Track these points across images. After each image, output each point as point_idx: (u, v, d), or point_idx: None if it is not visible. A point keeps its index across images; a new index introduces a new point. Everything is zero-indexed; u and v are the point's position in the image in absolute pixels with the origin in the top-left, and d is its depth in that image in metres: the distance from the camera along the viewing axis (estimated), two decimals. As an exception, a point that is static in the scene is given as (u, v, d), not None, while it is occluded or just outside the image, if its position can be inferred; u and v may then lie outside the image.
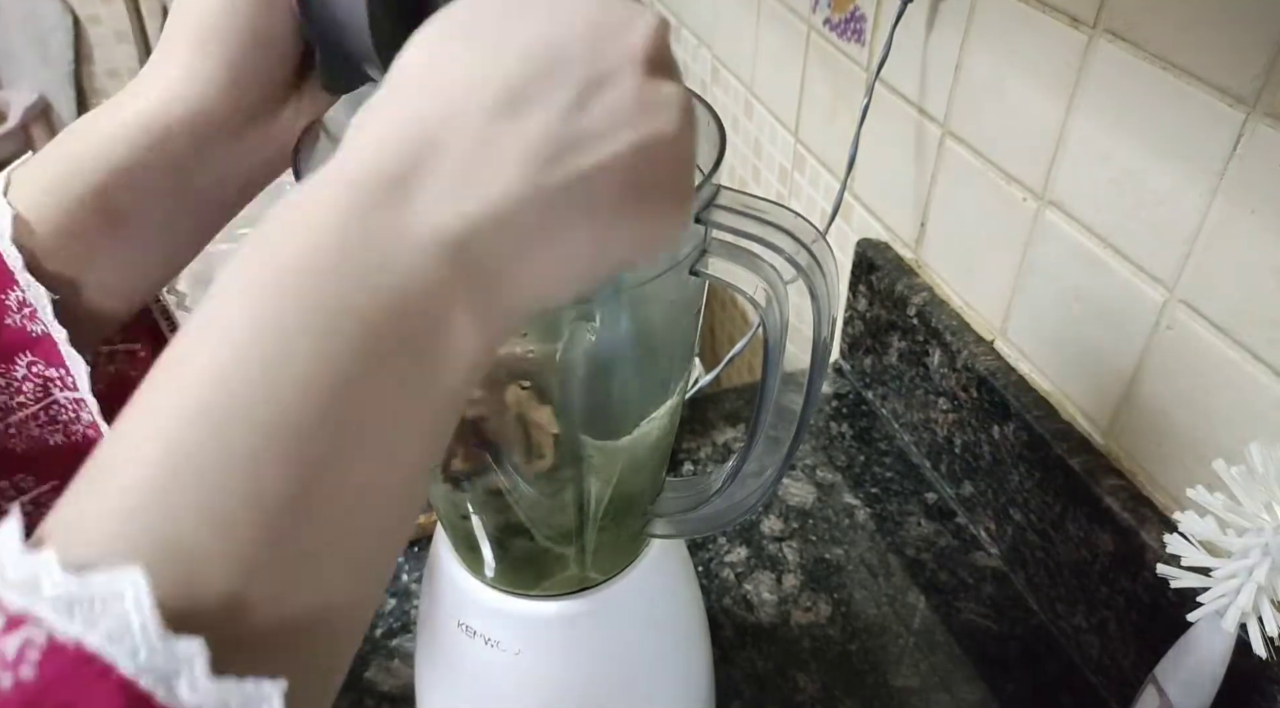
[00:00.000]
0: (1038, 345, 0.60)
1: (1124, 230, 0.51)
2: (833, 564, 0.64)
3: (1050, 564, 0.59)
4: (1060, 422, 0.57)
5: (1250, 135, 0.42)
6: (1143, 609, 0.51)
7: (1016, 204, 0.58)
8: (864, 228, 0.76)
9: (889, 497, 0.69)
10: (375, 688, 0.56)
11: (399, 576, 0.63)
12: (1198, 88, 0.44)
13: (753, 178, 0.97)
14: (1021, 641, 0.59)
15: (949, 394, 0.66)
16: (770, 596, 0.62)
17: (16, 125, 1.78)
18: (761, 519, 0.68)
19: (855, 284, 0.75)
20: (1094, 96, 0.50)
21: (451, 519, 0.41)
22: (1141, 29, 0.46)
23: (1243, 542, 0.38)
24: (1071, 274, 0.55)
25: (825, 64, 0.77)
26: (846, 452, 0.73)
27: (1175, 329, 0.49)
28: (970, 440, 0.64)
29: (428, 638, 0.46)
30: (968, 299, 0.66)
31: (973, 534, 0.66)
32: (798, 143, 0.85)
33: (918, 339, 0.68)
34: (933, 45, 0.63)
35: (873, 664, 0.58)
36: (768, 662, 0.58)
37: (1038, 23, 0.53)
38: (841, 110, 0.76)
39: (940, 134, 0.64)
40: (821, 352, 0.34)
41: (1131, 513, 0.51)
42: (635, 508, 0.41)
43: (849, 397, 0.78)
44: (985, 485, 0.64)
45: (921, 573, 0.64)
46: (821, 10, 0.75)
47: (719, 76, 1.00)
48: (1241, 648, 0.41)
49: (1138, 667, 0.52)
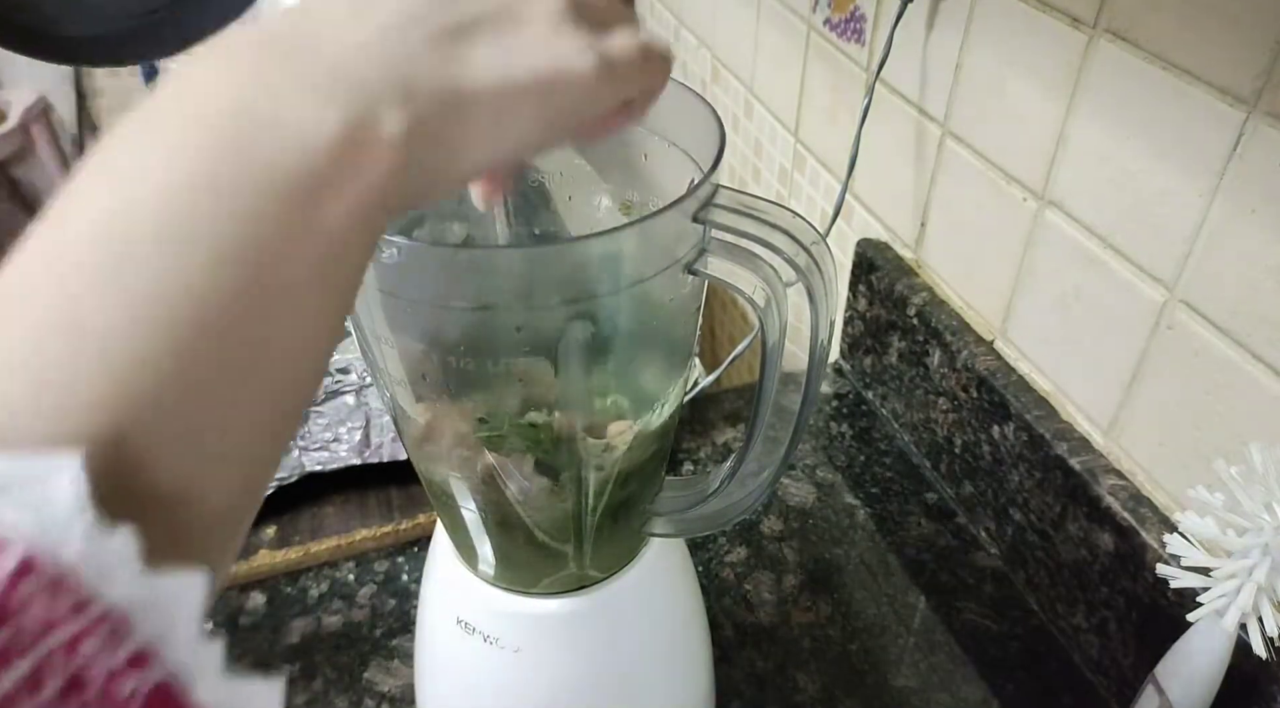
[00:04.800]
0: (1038, 345, 0.60)
1: (1124, 230, 0.51)
2: (833, 564, 0.64)
3: (1050, 564, 0.59)
4: (1060, 422, 0.57)
5: (1250, 135, 0.42)
6: (1143, 609, 0.51)
7: (1016, 204, 0.58)
8: (864, 228, 0.76)
9: (889, 497, 0.69)
10: (375, 688, 0.56)
11: (399, 575, 0.63)
12: (1198, 88, 0.44)
13: (753, 178, 0.97)
14: (1021, 641, 0.59)
15: (949, 394, 0.66)
16: (770, 596, 0.62)
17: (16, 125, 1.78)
18: (761, 519, 0.68)
19: (855, 284, 0.75)
20: (1094, 96, 0.50)
21: (451, 517, 0.41)
22: (1141, 29, 0.46)
23: (1243, 542, 0.38)
24: (1071, 274, 0.55)
25: (825, 64, 0.77)
26: (846, 452, 0.73)
27: (1175, 329, 0.49)
28: (970, 440, 0.64)
29: (427, 636, 0.46)
30: (968, 299, 0.66)
31: (973, 534, 0.66)
32: (798, 143, 0.85)
33: (918, 339, 0.68)
34: (933, 45, 0.63)
35: (873, 664, 0.58)
36: (767, 662, 0.58)
37: (1038, 23, 0.53)
38: (841, 110, 0.76)
39: (940, 134, 0.64)
40: (819, 353, 0.34)
41: (1131, 513, 0.51)
42: (634, 507, 0.41)
43: (849, 397, 0.78)
44: (985, 486, 0.64)
45: (921, 573, 0.64)
46: (821, 10, 0.75)
47: (719, 76, 1.00)
48: (1241, 648, 0.41)
49: (1138, 667, 0.52)
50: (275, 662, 0.58)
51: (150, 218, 0.18)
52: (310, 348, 0.21)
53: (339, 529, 0.65)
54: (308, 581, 0.63)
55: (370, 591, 0.62)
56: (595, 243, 0.31)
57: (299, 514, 0.67)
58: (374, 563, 0.64)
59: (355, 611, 0.61)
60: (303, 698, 0.56)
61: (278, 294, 0.20)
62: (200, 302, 0.18)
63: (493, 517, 0.39)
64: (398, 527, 0.65)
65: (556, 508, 0.39)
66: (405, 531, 0.65)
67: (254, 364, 0.20)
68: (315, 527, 0.66)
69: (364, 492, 0.68)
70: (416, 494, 0.67)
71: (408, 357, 0.35)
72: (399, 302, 0.33)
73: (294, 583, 0.63)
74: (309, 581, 0.63)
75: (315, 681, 0.57)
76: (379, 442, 0.66)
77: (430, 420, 0.37)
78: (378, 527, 0.65)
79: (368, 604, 0.61)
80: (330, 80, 0.21)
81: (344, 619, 0.60)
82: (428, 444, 0.39)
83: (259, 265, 0.19)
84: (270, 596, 0.62)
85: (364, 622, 0.60)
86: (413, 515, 0.66)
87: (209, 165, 0.19)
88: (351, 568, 0.64)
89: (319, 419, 0.64)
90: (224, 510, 0.20)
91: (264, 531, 0.65)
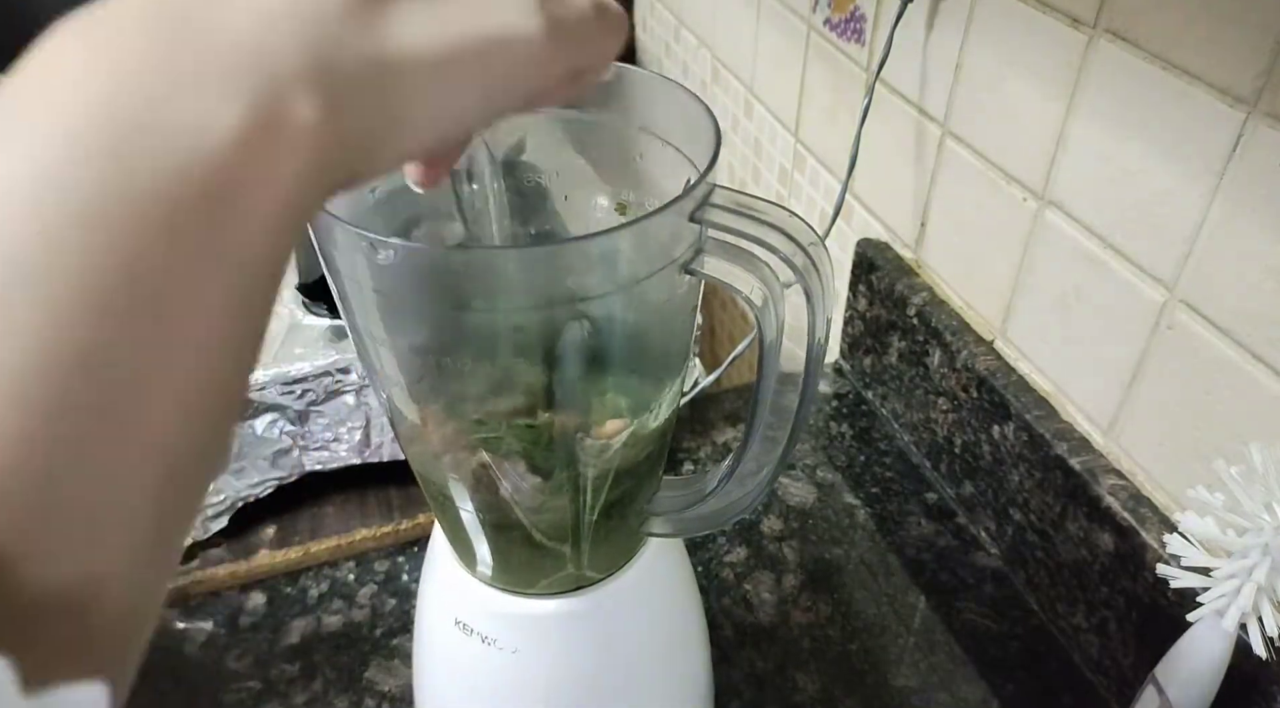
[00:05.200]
0: (1038, 345, 0.60)
1: (1124, 230, 0.50)
2: (833, 564, 0.64)
3: (1050, 564, 0.58)
4: (1060, 422, 0.57)
5: (1250, 135, 0.42)
6: (1143, 609, 0.51)
7: (1016, 204, 0.58)
8: (864, 228, 0.76)
9: (889, 497, 0.69)
10: (375, 688, 0.56)
11: (399, 575, 0.63)
12: (1198, 88, 0.44)
13: (753, 178, 0.97)
14: (1021, 640, 0.59)
15: (949, 394, 0.66)
16: (770, 595, 0.62)
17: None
18: (761, 519, 0.68)
19: (855, 284, 0.75)
20: (1094, 96, 0.50)
21: (448, 518, 0.41)
22: (1141, 29, 0.46)
23: (1243, 542, 0.38)
24: (1071, 274, 0.55)
25: (825, 64, 0.77)
26: (846, 452, 0.73)
27: (1175, 329, 0.48)
28: (970, 440, 0.64)
29: (425, 636, 0.46)
30: (968, 299, 0.65)
31: (973, 534, 0.66)
32: (798, 143, 0.85)
33: (918, 339, 0.68)
34: (933, 45, 0.63)
35: (873, 664, 0.58)
36: (767, 662, 0.58)
37: (1038, 23, 0.53)
38: (841, 110, 0.76)
39: (940, 134, 0.64)
40: (816, 352, 0.34)
41: (1131, 513, 0.51)
42: (632, 506, 0.41)
43: (849, 397, 0.78)
44: (985, 485, 0.64)
45: (921, 573, 0.64)
46: (821, 10, 0.75)
47: (719, 76, 1.00)
48: (1241, 648, 0.41)
49: (1138, 667, 0.52)
50: (275, 662, 0.58)
51: (3, 263, 0.15)
52: (221, 388, 0.17)
53: (339, 529, 0.65)
54: (308, 581, 0.63)
55: (370, 590, 0.62)
56: (591, 243, 0.31)
57: (299, 514, 0.67)
58: (374, 563, 0.64)
59: (355, 611, 0.61)
60: (303, 698, 0.56)
61: (178, 338, 0.16)
62: (78, 367, 0.15)
63: (490, 517, 0.39)
64: (398, 527, 0.65)
65: (553, 509, 0.39)
66: (405, 530, 0.65)
67: (151, 427, 0.16)
68: (315, 527, 0.66)
69: (364, 492, 0.68)
70: (416, 494, 0.67)
71: (404, 358, 0.35)
72: (395, 303, 0.33)
73: (294, 583, 0.63)
74: (309, 581, 0.63)
75: (315, 681, 0.57)
76: (379, 442, 0.66)
77: (427, 422, 0.37)
78: (378, 527, 0.65)
79: (368, 604, 0.61)
80: (230, 61, 0.17)
81: (344, 619, 0.60)
82: (424, 445, 0.39)
83: (153, 312, 0.16)
84: (270, 596, 0.62)
85: (364, 622, 0.60)
86: (413, 515, 0.66)
87: (78, 190, 0.15)
88: (351, 568, 0.64)
89: (319, 419, 0.64)
90: (125, 608, 0.16)
91: (264, 531, 0.65)
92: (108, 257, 0.15)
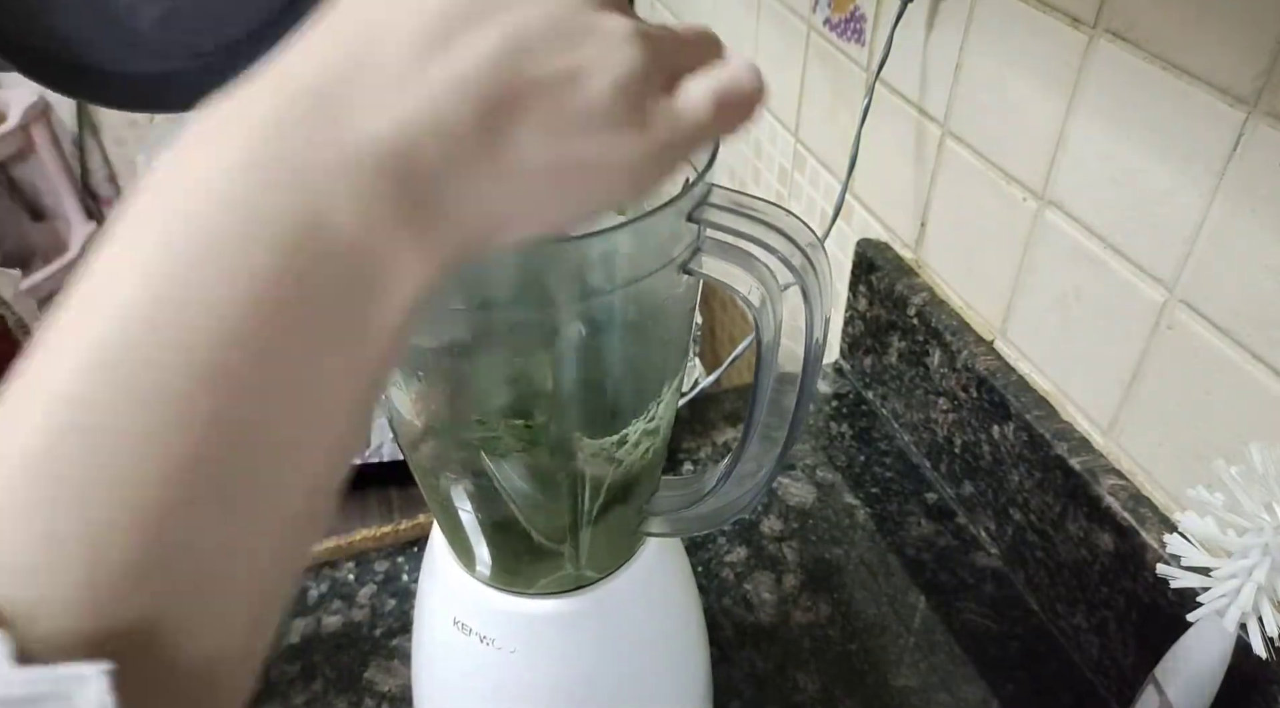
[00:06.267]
0: (1038, 345, 0.60)
1: (1124, 230, 0.50)
2: (833, 564, 0.64)
3: (1050, 564, 0.58)
4: (1060, 422, 0.57)
5: (1250, 135, 0.42)
6: (1143, 609, 0.51)
7: (1016, 204, 0.58)
8: (864, 228, 0.76)
9: (889, 497, 0.69)
10: (375, 688, 0.56)
11: (398, 575, 0.63)
12: (1198, 88, 0.44)
13: (753, 178, 0.97)
14: (1021, 640, 0.59)
15: (949, 394, 0.66)
16: (770, 595, 0.62)
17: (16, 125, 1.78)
18: (761, 519, 0.68)
19: (855, 284, 0.75)
20: (1094, 96, 0.50)
21: (447, 518, 0.41)
22: (1141, 29, 0.46)
23: (1243, 542, 0.38)
24: (1071, 274, 0.55)
25: (825, 64, 0.77)
26: (846, 452, 0.73)
27: (1175, 329, 0.48)
28: (970, 440, 0.64)
29: (424, 636, 0.46)
30: (968, 299, 0.65)
31: (973, 534, 0.66)
32: (798, 143, 0.85)
33: (918, 339, 0.68)
34: (933, 45, 0.63)
35: (873, 664, 0.58)
36: (767, 662, 0.58)
37: (1038, 23, 0.53)
38: (841, 110, 0.76)
39: (940, 134, 0.64)
40: (814, 352, 0.34)
41: (1131, 513, 0.51)
42: (630, 507, 0.41)
43: (849, 397, 0.78)
44: (985, 485, 0.64)
45: (921, 573, 0.64)
46: (821, 10, 0.75)
47: (720, 76, 1.00)
48: (1241, 648, 0.41)
49: (1138, 667, 0.52)
50: (275, 662, 0.58)
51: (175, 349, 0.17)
52: (344, 458, 0.20)
53: (339, 529, 0.65)
54: (308, 581, 0.63)
55: (370, 591, 0.62)
56: (589, 242, 0.30)
57: (299, 514, 0.67)
58: (374, 563, 0.64)
59: (355, 611, 0.61)
60: (302, 698, 0.56)
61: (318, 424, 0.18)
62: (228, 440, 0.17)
63: (488, 518, 0.39)
64: (398, 527, 0.65)
65: (552, 509, 0.39)
66: (405, 531, 0.65)
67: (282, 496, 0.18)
68: (315, 527, 0.66)
69: (364, 492, 0.68)
70: (416, 494, 0.67)
71: (402, 357, 0.35)
72: (394, 302, 0.32)
73: (294, 583, 0.63)
74: (309, 581, 0.63)
75: (315, 681, 0.57)
76: (379, 442, 0.66)
77: (425, 422, 0.37)
78: (378, 527, 0.65)
79: (368, 604, 0.61)
80: (371, 164, 0.19)
81: (344, 619, 0.60)
82: (423, 446, 0.39)
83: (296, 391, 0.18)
84: (270, 596, 0.62)
85: (364, 622, 0.60)
86: (413, 515, 0.66)
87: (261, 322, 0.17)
88: (351, 568, 0.64)
89: (318, 419, 0.64)
90: (243, 680, 0.19)
91: (264, 531, 0.65)
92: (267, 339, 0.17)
